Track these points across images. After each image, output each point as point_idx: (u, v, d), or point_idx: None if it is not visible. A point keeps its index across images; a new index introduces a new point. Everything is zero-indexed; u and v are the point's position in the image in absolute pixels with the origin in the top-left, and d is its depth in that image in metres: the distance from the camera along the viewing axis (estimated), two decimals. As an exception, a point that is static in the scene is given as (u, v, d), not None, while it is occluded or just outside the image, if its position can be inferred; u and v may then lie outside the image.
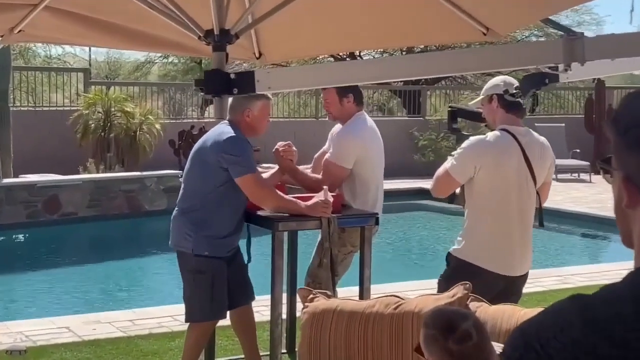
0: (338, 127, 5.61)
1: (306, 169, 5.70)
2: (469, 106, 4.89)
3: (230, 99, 4.97)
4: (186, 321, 5.06)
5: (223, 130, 4.88)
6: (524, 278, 4.63)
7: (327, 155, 5.48)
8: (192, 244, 4.86)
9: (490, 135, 4.43)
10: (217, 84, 2.85)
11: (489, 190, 4.44)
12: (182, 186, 5.06)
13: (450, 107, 4.82)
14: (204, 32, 3.14)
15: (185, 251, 4.92)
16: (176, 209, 5.03)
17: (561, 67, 2.62)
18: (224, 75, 2.85)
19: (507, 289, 4.45)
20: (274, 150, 5.36)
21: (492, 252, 4.44)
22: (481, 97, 4.58)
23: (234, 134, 4.83)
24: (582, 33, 2.38)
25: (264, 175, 5.24)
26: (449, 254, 4.59)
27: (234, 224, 4.98)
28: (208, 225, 4.86)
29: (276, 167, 5.45)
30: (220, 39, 3.06)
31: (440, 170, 4.54)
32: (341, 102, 5.44)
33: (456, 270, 4.40)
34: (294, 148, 5.40)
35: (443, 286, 4.28)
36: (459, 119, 4.88)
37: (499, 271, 4.43)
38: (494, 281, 4.39)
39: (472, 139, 4.46)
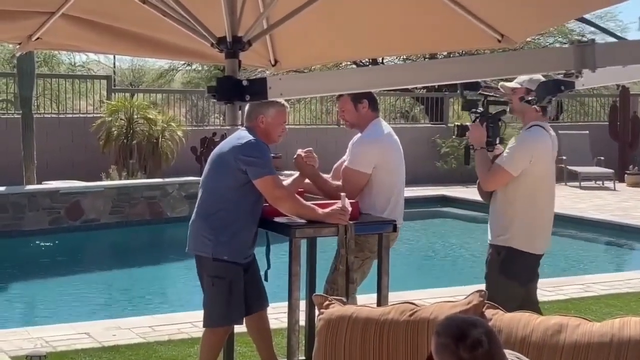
0: (357, 136, 5.60)
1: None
2: (500, 90, 5.18)
3: (246, 106, 5.00)
4: (204, 326, 5.08)
5: (241, 135, 4.94)
6: None
7: (345, 163, 5.48)
8: (212, 248, 4.89)
9: (534, 131, 5.04)
10: (230, 90, 2.85)
11: (539, 180, 5.04)
12: (200, 191, 5.09)
13: (481, 93, 5.11)
14: (217, 39, 3.15)
15: (204, 255, 4.94)
16: (194, 213, 5.05)
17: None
18: (236, 81, 2.85)
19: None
20: (295, 156, 5.36)
21: (537, 236, 5.08)
22: (518, 85, 5.02)
23: (252, 138, 4.89)
24: (594, 40, 2.36)
25: (286, 182, 5.27)
26: (494, 246, 5.12)
27: (252, 230, 5.00)
28: (227, 230, 4.87)
29: (297, 174, 5.45)
30: (233, 46, 3.06)
31: (483, 167, 5.06)
32: (356, 108, 5.44)
33: (508, 259, 5.02)
34: (314, 155, 5.40)
35: (496, 278, 4.96)
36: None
37: (540, 252, 5.12)
38: (536, 263, 5.14)
39: (523, 136, 5.04)
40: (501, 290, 4.80)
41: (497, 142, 5.13)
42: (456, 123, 5.37)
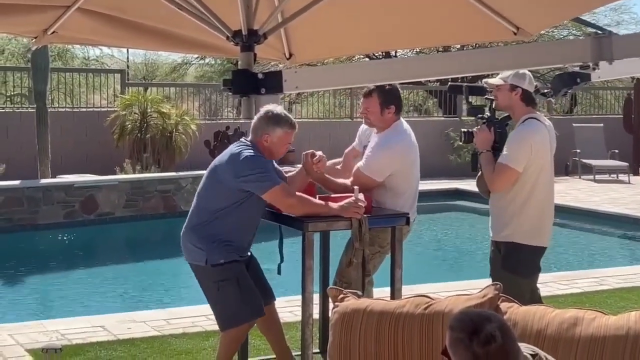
0: (373, 129, 5.54)
1: (335, 164, 5.69)
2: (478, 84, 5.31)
3: (253, 120, 4.92)
4: (223, 330, 5.00)
5: (239, 151, 4.83)
6: None
7: (359, 164, 5.42)
8: (205, 255, 4.86)
9: (529, 124, 4.98)
10: (245, 83, 2.85)
11: (539, 173, 5.01)
12: (195, 202, 5.03)
13: (450, 85, 5.26)
14: (232, 32, 3.15)
15: (200, 264, 4.91)
16: (185, 224, 5.01)
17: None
18: (251, 75, 2.85)
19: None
20: (303, 158, 5.23)
21: (540, 228, 5.07)
22: (502, 81, 4.97)
23: (247, 154, 4.79)
24: (611, 31, 2.35)
25: (291, 174, 5.21)
26: (495, 242, 5.16)
27: (248, 233, 4.98)
28: (219, 236, 4.85)
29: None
30: (248, 39, 3.06)
31: (489, 169, 5.03)
32: (382, 112, 5.36)
33: (509, 255, 5.05)
34: (324, 159, 5.27)
35: (500, 274, 4.88)
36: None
37: (543, 244, 5.11)
38: (539, 256, 5.12)
39: (519, 131, 5.01)
40: (506, 286, 4.76)
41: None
42: (462, 130, 5.34)
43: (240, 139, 5.00)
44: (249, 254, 5.09)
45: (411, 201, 5.46)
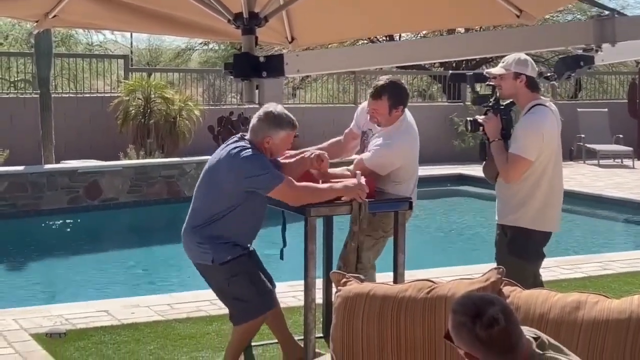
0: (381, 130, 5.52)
1: (336, 140, 5.75)
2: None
3: (253, 121, 4.87)
4: (240, 324, 4.95)
5: (237, 153, 4.75)
6: None
7: (363, 156, 5.42)
8: (212, 254, 4.82)
9: (537, 111, 4.96)
10: (246, 67, 2.84)
11: (548, 159, 5.00)
12: (193, 202, 4.98)
13: (452, 74, 5.20)
14: (233, 15, 3.13)
15: (207, 264, 4.87)
16: (186, 224, 4.96)
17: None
18: (253, 58, 2.84)
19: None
20: (308, 156, 5.19)
21: (548, 214, 5.06)
22: (504, 70, 4.95)
23: (248, 154, 4.72)
24: (615, 12, 2.33)
25: (289, 162, 5.17)
26: (502, 226, 5.14)
27: (253, 228, 4.96)
28: (223, 235, 4.82)
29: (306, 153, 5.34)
30: (249, 22, 3.05)
31: (501, 159, 4.98)
32: (390, 113, 5.38)
33: (515, 239, 5.05)
34: (326, 157, 5.22)
35: (505, 258, 4.93)
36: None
37: (551, 230, 5.12)
38: (545, 241, 5.12)
39: (529, 119, 4.97)
40: (511, 270, 4.75)
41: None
42: (468, 119, 5.29)
43: (237, 140, 4.88)
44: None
45: (412, 187, 5.48)
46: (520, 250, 5.03)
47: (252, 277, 4.88)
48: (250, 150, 4.75)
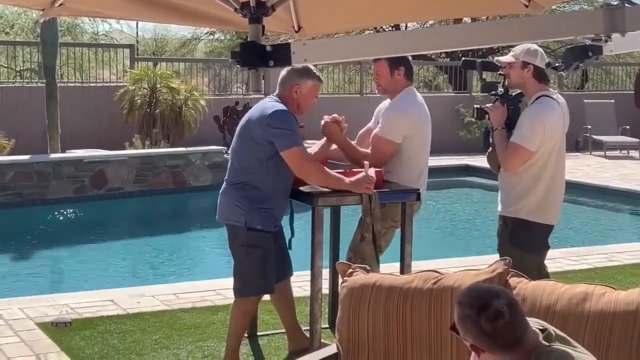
0: (386, 103, 5.56)
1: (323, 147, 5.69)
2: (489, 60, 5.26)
3: (281, 73, 4.95)
4: (237, 296, 5.06)
5: (268, 104, 4.89)
6: None
7: (375, 130, 5.43)
8: (245, 217, 4.86)
9: (543, 102, 4.95)
10: (253, 56, 2.82)
11: (550, 151, 4.97)
12: (230, 161, 5.05)
13: (464, 60, 5.33)
14: (240, 4, 3.12)
15: (236, 224, 4.91)
16: (225, 183, 5.02)
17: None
18: (259, 47, 2.82)
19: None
20: (322, 123, 5.32)
21: (548, 206, 5.05)
22: (514, 58, 4.97)
23: (279, 108, 4.84)
24: (624, 2, 2.31)
25: (311, 149, 5.24)
26: (503, 217, 5.13)
27: (284, 198, 4.99)
28: (260, 199, 4.85)
29: (323, 140, 5.41)
30: (256, 10, 3.03)
31: (503, 147, 4.98)
32: (392, 74, 5.39)
33: (516, 230, 5.03)
34: (345, 124, 5.34)
35: (508, 249, 4.86)
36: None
37: (551, 222, 5.09)
38: (547, 233, 5.10)
39: (533, 109, 4.96)
40: (514, 261, 4.73)
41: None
42: (475, 106, 5.31)
43: (268, 95, 5.00)
44: (280, 223, 5.12)
45: (419, 174, 5.44)
46: (522, 241, 5.02)
47: (267, 256, 4.93)
48: (282, 105, 4.87)
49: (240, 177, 4.93)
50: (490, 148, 5.16)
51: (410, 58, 5.57)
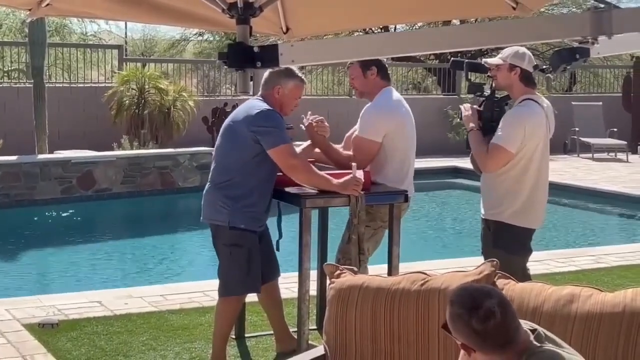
0: (367, 105, 5.57)
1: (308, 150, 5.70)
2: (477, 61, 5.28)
3: (264, 74, 4.95)
4: (221, 295, 5.07)
5: (254, 104, 4.89)
6: None
7: (356, 132, 5.44)
8: (228, 216, 4.87)
9: (526, 105, 4.94)
10: (241, 57, 2.83)
11: (532, 155, 4.96)
12: (214, 161, 5.06)
13: (454, 60, 5.31)
14: (228, 5, 3.11)
15: (220, 224, 4.92)
16: (209, 183, 5.03)
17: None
18: (247, 48, 2.83)
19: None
20: (306, 124, 5.33)
21: (530, 210, 5.03)
22: (501, 60, 4.97)
23: (265, 107, 4.84)
24: (611, 5, 2.32)
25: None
26: (485, 220, 5.10)
27: (267, 198, 4.99)
28: (243, 198, 4.86)
29: (307, 142, 5.43)
30: (244, 11, 3.03)
31: (480, 149, 4.98)
32: (365, 75, 5.38)
33: (499, 233, 5.01)
34: (326, 124, 5.37)
35: (491, 252, 4.78)
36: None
37: (533, 226, 5.08)
38: (528, 237, 5.09)
39: (514, 111, 4.97)
40: (500, 264, 4.71)
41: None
42: (460, 106, 5.31)
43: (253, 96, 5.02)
44: (265, 223, 5.12)
45: (405, 173, 5.44)
46: (505, 244, 5.00)
47: (251, 255, 4.92)
48: (266, 104, 4.88)
49: (224, 177, 4.93)
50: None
51: (384, 59, 5.57)
